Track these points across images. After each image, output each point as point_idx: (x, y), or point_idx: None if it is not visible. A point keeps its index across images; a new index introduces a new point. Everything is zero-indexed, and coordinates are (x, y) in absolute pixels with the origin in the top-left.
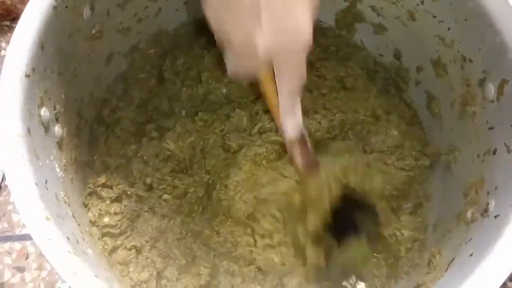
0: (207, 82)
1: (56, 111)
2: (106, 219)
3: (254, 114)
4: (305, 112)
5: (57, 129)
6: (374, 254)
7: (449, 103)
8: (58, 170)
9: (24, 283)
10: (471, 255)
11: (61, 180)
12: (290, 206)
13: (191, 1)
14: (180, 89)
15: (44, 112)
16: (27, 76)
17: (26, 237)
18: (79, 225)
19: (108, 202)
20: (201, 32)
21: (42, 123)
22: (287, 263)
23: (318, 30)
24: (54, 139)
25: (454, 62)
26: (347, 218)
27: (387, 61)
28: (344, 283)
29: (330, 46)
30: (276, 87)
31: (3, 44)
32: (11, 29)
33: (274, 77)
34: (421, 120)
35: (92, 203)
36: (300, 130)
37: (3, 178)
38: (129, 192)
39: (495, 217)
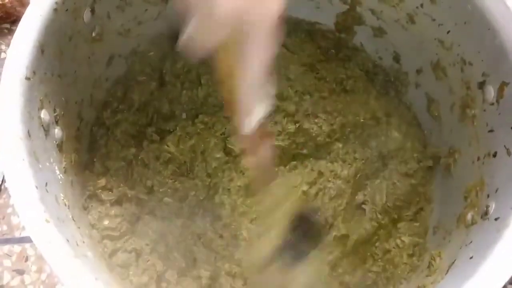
0: (207, 85)
1: (56, 114)
2: (106, 222)
3: None
4: (306, 116)
5: (57, 131)
6: (373, 270)
7: (449, 105)
8: (58, 172)
9: (24, 286)
10: (471, 257)
11: (61, 182)
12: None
13: None
14: (180, 91)
15: (44, 114)
16: (27, 78)
17: (25, 240)
18: (79, 228)
19: (108, 204)
20: None
21: (42, 125)
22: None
23: (318, 32)
24: (54, 142)
25: (454, 65)
26: (297, 236)
27: (386, 64)
28: None
29: (330, 48)
30: (237, 64)
31: (3, 47)
32: (11, 32)
33: (235, 53)
34: (421, 123)
35: (92, 206)
36: (264, 121)
37: (3, 181)
38: (129, 195)
39: (495, 219)
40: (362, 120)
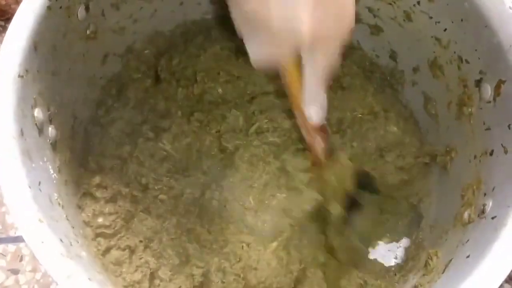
0: (202, 82)
1: (50, 112)
2: (100, 220)
3: (251, 114)
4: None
5: (51, 130)
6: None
7: (446, 103)
8: (51, 171)
9: (18, 285)
10: (468, 256)
11: (54, 181)
12: (294, 217)
13: (187, 2)
14: (176, 89)
15: (38, 113)
16: (21, 76)
17: (20, 239)
18: (72, 227)
19: (102, 202)
20: (197, 32)
21: (36, 124)
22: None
23: None
24: (48, 141)
25: (451, 63)
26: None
27: (383, 62)
28: None
29: None
30: (303, 73)
31: None
32: (5, 29)
33: (302, 62)
34: (418, 121)
35: (86, 204)
36: (324, 117)
37: None
38: (124, 193)
39: (492, 218)
40: (359, 115)
